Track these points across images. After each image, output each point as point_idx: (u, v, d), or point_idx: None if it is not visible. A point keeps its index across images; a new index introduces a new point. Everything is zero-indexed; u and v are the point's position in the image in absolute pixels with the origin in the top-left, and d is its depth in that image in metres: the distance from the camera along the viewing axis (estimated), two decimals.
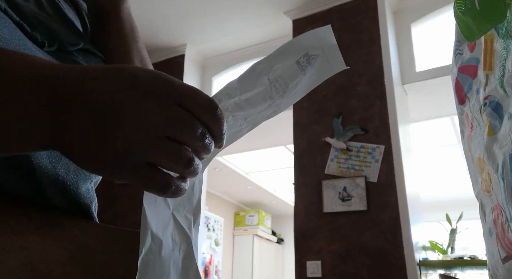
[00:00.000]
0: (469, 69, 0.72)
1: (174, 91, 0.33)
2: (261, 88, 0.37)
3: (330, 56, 0.37)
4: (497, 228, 0.61)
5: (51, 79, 0.33)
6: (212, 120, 0.34)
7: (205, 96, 0.34)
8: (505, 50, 0.61)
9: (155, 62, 3.97)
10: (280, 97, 0.38)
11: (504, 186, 0.58)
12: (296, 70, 0.37)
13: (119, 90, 0.32)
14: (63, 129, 0.32)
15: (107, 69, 0.34)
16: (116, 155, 0.32)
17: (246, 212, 7.07)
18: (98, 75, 0.33)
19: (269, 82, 0.37)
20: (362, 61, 2.94)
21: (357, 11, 3.11)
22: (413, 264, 2.38)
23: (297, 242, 2.73)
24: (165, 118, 0.32)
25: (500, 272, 0.61)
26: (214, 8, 3.35)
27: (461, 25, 0.65)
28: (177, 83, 0.34)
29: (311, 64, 0.37)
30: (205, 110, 0.34)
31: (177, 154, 0.33)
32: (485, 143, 0.64)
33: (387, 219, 2.50)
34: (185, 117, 0.33)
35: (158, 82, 0.33)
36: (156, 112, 0.32)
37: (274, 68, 0.37)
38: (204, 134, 0.34)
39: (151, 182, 0.33)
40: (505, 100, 0.60)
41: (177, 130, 0.32)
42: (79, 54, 0.55)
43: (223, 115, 0.35)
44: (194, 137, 0.33)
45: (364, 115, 2.79)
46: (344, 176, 2.70)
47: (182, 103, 0.33)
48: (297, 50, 0.36)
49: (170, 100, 0.33)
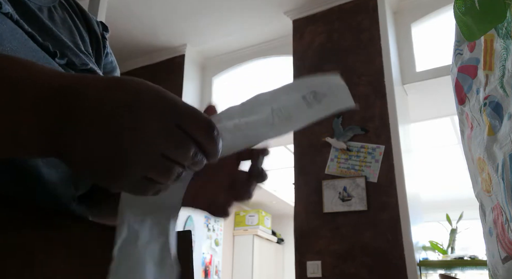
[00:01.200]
0: (469, 69, 0.72)
1: (175, 111, 0.34)
2: (262, 115, 0.38)
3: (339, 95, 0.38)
4: (497, 228, 0.61)
5: (56, 89, 0.34)
6: (208, 140, 0.36)
7: (203, 117, 0.36)
8: (505, 50, 0.61)
9: (155, 62, 3.97)
10: (282, 125, 0.39)
11: (504, 186, 0.58)
12: (301, 104, 0.38)
13: (123, 106, 0.33)
14: (64, 138, 0.33)
15: (113, 81, 0.35)
16: (113, 167, 0.33)
17: (246, 212, 7.07)
18: (103, 87, 0.34)
19: (271, 111, 0.38)
20: (362, 61, 2.94)
21: (357, 11, 3.11)
22: (413, 264, 2.38)
23: (297, 242, 2.73)
24: (163, 138, 0.33)
25: (500, 272, 0.61)
26: (214, 8, 3.34)
27: (461, 25, 0.65)
28: (179, 104, 0.35)
29: (318, 101, 0.38)
30: (202, 131, 0.35)
31: (168, 171, 0.34)
32: (485, 143, 0.64)
33: (387, 219, 2.50)
34: (181, 138, 0.34)
35: (161, 101, 0.34)
36: (156, 131, 0.33)
37: (279, 100, 0.38)
38: (197, 154, 0.36)
39: (143, 191, 0.35)
40: (505, 100, 0.60)
41: (172, 150, 0.34)
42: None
43: (219, 136, 0.36)
44: (187, 157, 0.35)
45: (364, 115, 2.79)
46: (344, 176, 2.70)
47: (181, 123, 0.34)
48: (304, 87, 0.37)
49: (170, 120, 0.34)
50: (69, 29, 0.60)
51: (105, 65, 0.68)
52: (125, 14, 3.41)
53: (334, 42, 3.10)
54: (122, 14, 3.39)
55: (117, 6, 3.27)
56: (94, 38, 0.67)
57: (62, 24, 0.60)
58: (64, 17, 0.61)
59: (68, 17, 0.63)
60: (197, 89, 3.93)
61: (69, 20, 0.62)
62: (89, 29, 0.67)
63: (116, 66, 0.72)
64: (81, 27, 0.64)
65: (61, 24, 0.59)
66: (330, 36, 3.14)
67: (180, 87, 3.71)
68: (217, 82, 4.01)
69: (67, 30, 0.60)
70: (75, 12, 0.66)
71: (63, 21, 0.60)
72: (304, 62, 3.19)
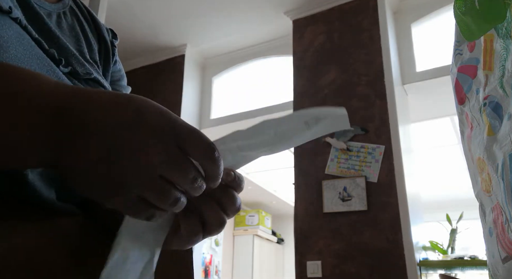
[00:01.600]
0: (469, 70, 0.72)
1: (176, 133, 0.34)
2: (265, 137, 0.39)
3: (338, 120, 0.40)
4: (497, 228, 0.61)
5: (57, 104, 0.34)
6: (208, 163, 0.35)
7: (205, 139, 0.35)
8: (505, 51, 0.61)
9: (155, 62, 3.97)
10: (281, 144, 0.41)
11: (504, 186, 0.58)
12: (303, 128, 0.40)
13: (124, 125, 0.33)
14: (63, 153, 0.33)
15: (115, 99, 0.34)
16: (109, 185, 0.33)
17: (246, 212, 7.07)
18: (105, 104, 0.34)
19: (274, 133, 0.39)
20: (362, 61, 2.94)
21: (357, 11, 3.11)
22: (413, 264, 2.38)
23: (297, 242, 2.73)
24: (162, 160, 0.33)
25: (500, 272, 0.61)
26: (214, 8, 3.35)
27: (461, 25, 0.65)
28: (181, 125, 0.34)
29: (318, 124, 0.40)
30: (203, 154, 0.35)
31: (165, 194, 0.34)
32: (485, 143, 0.64)
33: (387, 219, 2.50)
34: (180, 161, 0.34)
35: (162, 122, 0.34)
36: (155, 152, 0.33)
37: (283, 125, 0.39)
38: (196, 179, 0.35)
39: (138, 212, 0.35)
40: (505, 100, 0.60)
41: (170, 172, 0.33)
42: (88, 84, 0.56)
43: (220, 158, 0.36)
44: (185, 180, 0.34)
45: (364, 115, 2.79)
46: (344, 176, 2.70)
47: (181, 145, 0.34)
48: (308, 115, 0.39)
49: (171, 141, 0.33)
50: (76, 36, 0.60)
51: (113, 74, 0.68)
52: (125, 14, 3.41)
53: (334, 42, 3.10)
54: (122, 14, 3.39)
55: (117, 6, 3.27)
56: (103, 46, 0.66)
57: (69, 31, 0.60)
58: (72, 24, 0.61)
59: (77, 24, 0.62)
60: (197, 89, 3.93)
61: (77, 27, 0.62)
62: (99, 36, 0.67)
63: (124, 75, 0.72)
64: (90, 34, 0.64)
65: (68, 31, 0.60)
66: (330, 36, 3.14)
67: (180, 87, 3.71)
68: (217, 82, 4.01)
69: (74, 38, 0.60)
70: (85, 19, 0.66)
71: (70, 28, 0.60)
72: (304, 62, 3.19)
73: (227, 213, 0.41)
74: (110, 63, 0.67)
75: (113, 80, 0.68)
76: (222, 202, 0.40)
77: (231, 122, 3.64)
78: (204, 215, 0.40)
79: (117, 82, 0.69)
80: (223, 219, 0.41)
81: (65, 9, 0.61)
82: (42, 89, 0.34)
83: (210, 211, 0.40)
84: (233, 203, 0.41)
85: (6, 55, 0.42)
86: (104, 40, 0.67)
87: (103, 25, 0.69)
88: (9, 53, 0.43)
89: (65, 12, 0.61)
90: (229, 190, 0.41)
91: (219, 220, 0.40)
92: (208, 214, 0.40)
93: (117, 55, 0.70)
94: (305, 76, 3.14)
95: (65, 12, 0.61)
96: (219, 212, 0.40)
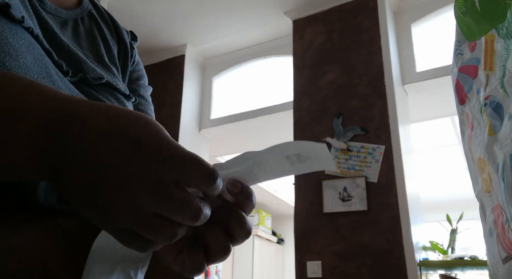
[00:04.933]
0: (470, 70, 0.72)
1: (175, 167, 0.31)
2: (244, 166, 0.37)
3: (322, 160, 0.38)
4: (497, 228, 0.61)
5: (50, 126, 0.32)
6: (210, 191, 0.33)
7: (205, 169, 0.32)
8: (506, 51, 0.61)
9: (155, 62, 3.97)
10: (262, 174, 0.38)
11: (505, 186, 0.58)
12: (284, 163, 0.38)
13: (120, 156, 0.31)
14: (57, 176, 0.32)
15: (114, 125, 0.32)
16: (101, 213, 0.32)
17: None
18: (101, 131, 0.32)
19: (253, 163, 0.37)
20: (362, 61, 2.94)
21: (357, 11, 3.11)
22: (414, 264, 2.38)
23: (297, 242, 2.73)
24: (158, 198, 0.31)
25: (500, 272, 0.61)
26: (215, 8, 3.35)
27: (462, 25, 0.65)
28: (180, 157, 0.32)
29: (301, 162, 0.38)
30: (203, 184, 0.32)
31: (159, 231, 0.31)
32: (486, 143, 0.64)
33: (387, 219, 2.50)
34: (177, 198, 0.31)
35: (161, 155, 0.31)
36: (151, 189, 0.31)
37: (262, 156, 0.37)
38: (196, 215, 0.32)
39: (129, 243, 0.33)
40: (506, 100, 0.60)
41: (165, 210, 0.31)
42: (100, 88, 0.56)
43: (221, 185, 0.34)
44: (184, 219, 0.32)
45: (364, 115, 2.79)
46: (344, 176, 2.70)
47: (180, 179, 0.32)
48: (289, 149, 0.37)
49: (168, 177, 0.31)
50: (93, 40, 0.61)
51: (132, 73, 0.69)
52: (126, 14, 3.41)
53: (334, 42, 3.10)
54: (123, 14, 3.39)
55: (117, 6, 3.27)
56: (122, 48, 0.67)
57: (86, 36, 0.60)
58: (90, 28, 0.62)
59: (96, 28, 0.63)
60: (197, 89, 3.93)
61: (95, 31, 0.62)
62: (119, 39, 0.67)
63: (144, 75, 0.73)
64: (109, 37, 0.65)
65: (85, 36, 0.60)
66: (330, 36, 3.14)
67: (180, 87, 3.71)
68: (217, 82, 4.01)
69: (90, 43, 0.60)
70: (105, 22, 0.67)
71: (88, 32, 0.61)
72: (304, 62, 3.19)
73: (235, 238, 0.36)
74: (128, 64, 0.68)
75: (132, 79, 0.69)
76: (229, 226, 0.36)
77: (231, 123, 3.64)
78: (207, 240, 0.36)
79: (136, 82, 0.70)
80: (227, 247, 0.36)
81: (83, 14, 0.61)
82: (36, 106, 0.33)
83: (213, 237, 0.35)
84: (241, 226, 0.36)
85: (15, 64, 0.42)
86: (124, 42, 0.68)
87: (122, 27, 0.70)
88: (18, 61, 0.42)
89: (83, 18, 0.61)
90: (237, 211, 0.36)
91: (223, 248, 0.36)
92: (211, 240, 0.35)
93: (137, 56, 0.71)
94: (305, 76, 3.14)
95: (83, 18, 0.61)
96: (223, 239, 0.36)
